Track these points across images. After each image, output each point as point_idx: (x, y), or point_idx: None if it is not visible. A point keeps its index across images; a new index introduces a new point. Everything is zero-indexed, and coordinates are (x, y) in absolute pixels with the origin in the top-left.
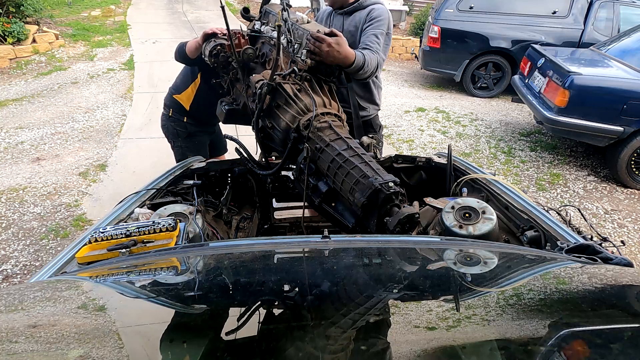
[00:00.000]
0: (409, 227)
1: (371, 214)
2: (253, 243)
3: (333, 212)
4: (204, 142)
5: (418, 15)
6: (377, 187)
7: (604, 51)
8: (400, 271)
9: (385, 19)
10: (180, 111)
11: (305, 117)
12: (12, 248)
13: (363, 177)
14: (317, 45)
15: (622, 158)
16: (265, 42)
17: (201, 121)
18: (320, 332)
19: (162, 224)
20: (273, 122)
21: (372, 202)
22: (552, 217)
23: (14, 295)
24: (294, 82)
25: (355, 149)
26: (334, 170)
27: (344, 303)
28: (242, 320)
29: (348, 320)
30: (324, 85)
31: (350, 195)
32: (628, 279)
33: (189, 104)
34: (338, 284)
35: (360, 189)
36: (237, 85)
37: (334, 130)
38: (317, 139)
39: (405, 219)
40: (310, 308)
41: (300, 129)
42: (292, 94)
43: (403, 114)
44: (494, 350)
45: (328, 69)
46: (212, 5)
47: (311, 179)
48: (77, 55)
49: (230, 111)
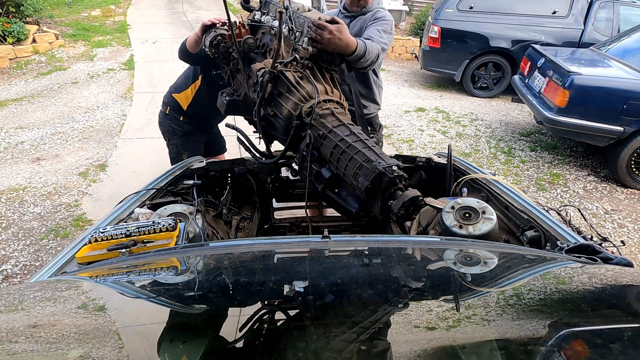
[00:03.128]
0: (413, 210)
1: (375, 198)
2: (253, 243)
3: (337, 197)
4: (199, 141)
5: (418, 15)
6: (381, 170)
7: (604, 51)
8: (400, 271)
9: (389, 21)
10: (178, 110)
11: (308, 104)
12: (12, 248)
13: (366, 162)
14: (318, 32)
15: (622, 158)
16: (265, 32)
17: (198, 122)
18: (320, 332)
19: (162, 224)
20: (275, 110)
21: (376, 185)
22: (552, 217)
23: (14, 295)
24: (296, 69)
25: (358, 135)
26: (337, 156)
27: (344, 303)
28: (242, 320)
29: (348, 321)
30: (326, 73)
31: (354, 180)
32: (628, 279)
33: (187, 104)
34: (338, 284)
35: (364, 173)
36: (238, 76)
37: (336, 117)
38: (319, 125)
39: (410, 201)
40: (310, 308)
41: (303, 116)
42: (294, 81)
43: (403, 114)
44: (494, 350)
45: (330, 56)
46: (212, 5)
47: (314, 165)
48: (77, 55)
49: (231, 102)
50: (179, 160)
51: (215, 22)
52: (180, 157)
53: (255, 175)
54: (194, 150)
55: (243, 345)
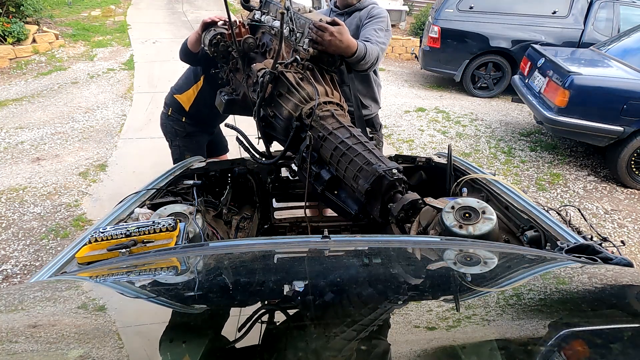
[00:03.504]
0: (412, 213)
1: (375, 201)
2: (253, 243)
3: (336, 199)
4: (202, 142)
5: (418, 15)
6: (381, 173)
7: (604, 51)
8: (400, 271)
9: (385, 18)
10: (180, 111)
11: (308, 105)
12: (12, 248)
13: (367, 164)
14: (319, 34)
15: (622, 158)
16: (265, 31)
17: (200, 122)
18: (320, 332)
19: (162, 224)
20: (275, 111)
21: (375, 188)
22: (552, 217)
23: (14, 295)
24: (296, 70)
25: (359, 137)
26: (337, 158)
27: (344, 303)
28: (242, 320)
29: (348, 321)
30: (326, 74)
31: (353, 182)
32: (628, 279)
33: (189, 105)
34: (338, 283)
35: (364, 175)
36: (237, 75)
37: (337, 119)
38: (319, 127)
39: (409, 204)
40: (310, 308)
41: (303, 118)
42: (294, 82)
43: (403, 114)
44: (494, 350)
45: (330, 58)
46: (212, 5)
47: (314, 167)
48: (77, 55)
49: (229, 101)
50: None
51: (216, 20)
52: (183, 158)
53: (255, 175)
54: (197, 151)
55: (243, 345)
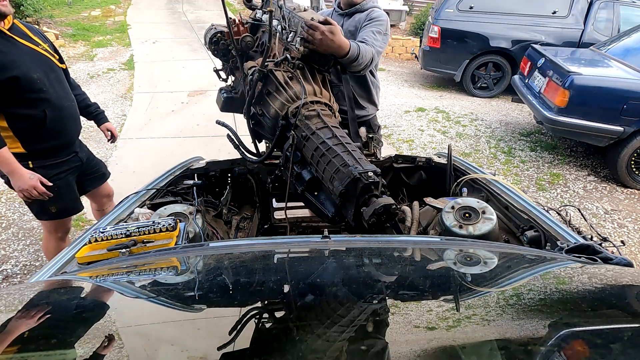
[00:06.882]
0: (386, 218)
1: (349, 203)
2: (253, 243)
3: (315, 200)
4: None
5: (418, 15)
6: (356, 175)
7: (604, 51)
8: (400, 271)
9: (384, 21)
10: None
11: (294, 104)
12: (12, 248)
13: (343, 166)
14: (310, 32)
15: (622, 158)
16: (265, 31)
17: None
18: (320, 332)
19: (162, 224)
20: (263, 109)
21: (350, 191)
22: (552, 217)
23: (14, 295)
24: (286, 69)
25: (340, 138)
26: (317, 159)
27: (344, 303)
28: (242, 320)
29: (348, 320)
30: (318, 74)
31: (330, 184)
32: (628, 279)
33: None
34: (338, 283)
35: (339, 177)
36: (236, 74)
37: (322, 119)
38: (304, 126)
39: (382, 209)
40: (310, 308)
41: (289, 117)
42: (282, 81)
43: (403, 114)
44: (494, 350)
45: (323, 58)
46: (212, 5)
47: (296, 167)
48: (77, 55)
49: (228, 99)
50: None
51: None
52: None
53: (255, 175)
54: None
55: (243, 345)
